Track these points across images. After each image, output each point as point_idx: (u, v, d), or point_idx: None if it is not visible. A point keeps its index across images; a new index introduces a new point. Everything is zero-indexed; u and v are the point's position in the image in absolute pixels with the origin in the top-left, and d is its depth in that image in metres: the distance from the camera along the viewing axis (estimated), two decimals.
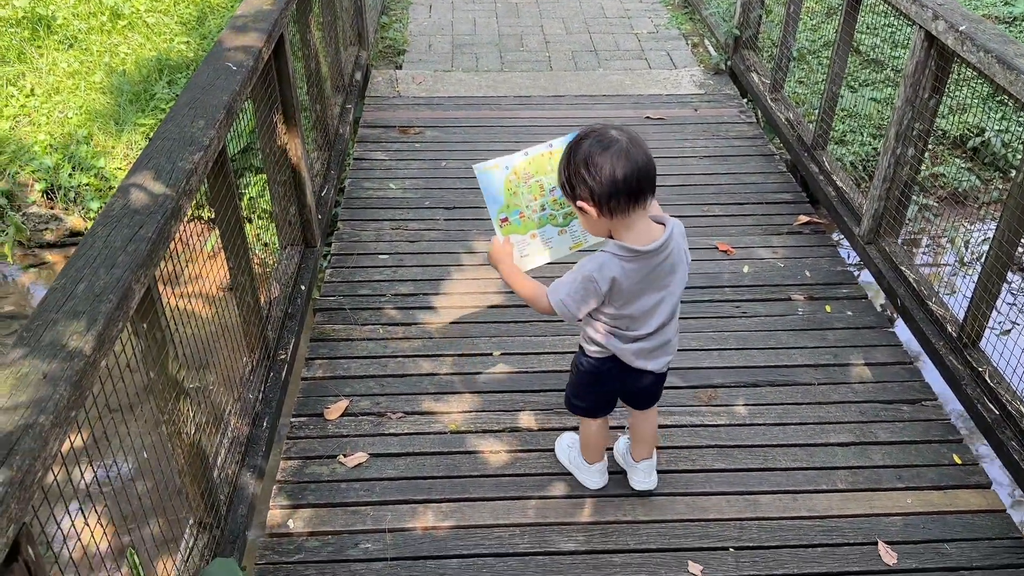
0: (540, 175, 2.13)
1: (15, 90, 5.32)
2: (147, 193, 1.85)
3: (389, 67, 5.59)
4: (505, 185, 2.11)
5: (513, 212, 2.13)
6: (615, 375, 2.20)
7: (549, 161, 2.12)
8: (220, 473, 2.32)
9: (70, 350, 1.41)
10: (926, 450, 2.72)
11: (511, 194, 2.12)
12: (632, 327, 2.08)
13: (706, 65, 5.61)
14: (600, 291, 1.98)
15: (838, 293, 3.42)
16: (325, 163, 3.99)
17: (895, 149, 3.31)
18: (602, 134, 1.90)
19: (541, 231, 2.17)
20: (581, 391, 2.33)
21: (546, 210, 2.15)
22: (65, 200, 4.71)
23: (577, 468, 2.57)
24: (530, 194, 2.13)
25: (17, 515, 1.18)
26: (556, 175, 2.06)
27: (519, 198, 2.13)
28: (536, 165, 2.12)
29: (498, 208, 2.12)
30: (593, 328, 2.13)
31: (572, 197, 1.96)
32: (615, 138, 1.89)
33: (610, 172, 1.86)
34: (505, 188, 2.11)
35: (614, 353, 2.13)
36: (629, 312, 2.04)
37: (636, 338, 2.10)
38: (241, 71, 2.47)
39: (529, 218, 2.15)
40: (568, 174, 1.94)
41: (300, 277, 3.27)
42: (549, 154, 2.12)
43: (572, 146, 1.94)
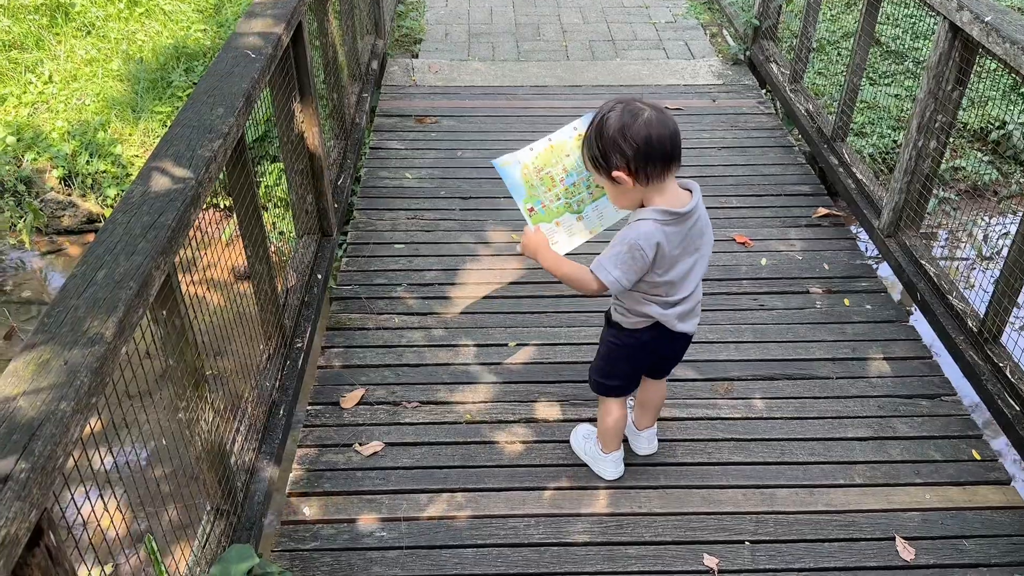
0: (549, 167, 2.15)
1: (33, 77, 5.35)
2: (166, 180, 1.85)
3: (405, 56, 5.57)
4: (523, 177, 2.13)
5: (536, 202, 2.15)
6: (654, 343, 2.23)
7: (552, 153, 2.15)
8: (237, 460, 2.33)
9: (91, 337, 1.42)
10: (945, 445, 2.69)
11: (530, 186, 2.14)
12: (671, 292, 2.11)
13: (724, 55, 5.57)
14: (647, 258, 1.99)
15: (857, 286, 3.40)
16: (342, 152, 3.99)
17: (917, 141, 3.28)
18: (629, 105, 1.94)
19: (562, 219, 2.18)
20: (616, 368, 2.34)
21: (561, 199, 2.17)
22: (82, 187, 4.73)
23: (593, 459, 2.57)
24: (544, 186, 2.15)
25: (39, 500, 1.18)
26: (567, 163, 2.12)
27: (536, 190, 2.15)
28: (544, 159, 2.15)
29: (523, 199, 2.14)
30: (633, 299, 2.15)
31: (606, 170, 1.97)
32: (642, 107, 1.94)
33: (645, 138, 1.91)
34: (524, 180, 2.13)
35: (657, 321, 2.15)
36: (669, 278, 2.07)
37: (676, 302, 2.13)
38: (260, 59, 2.46)
39: (549, 207, 2.17)
40: (601, 147, 1.95)
41: (317, 266, 3.28)
42: (551, 147, 2.15)
43: (601, 120, 1.95)
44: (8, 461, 1.17)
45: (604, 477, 2.54)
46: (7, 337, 3.97)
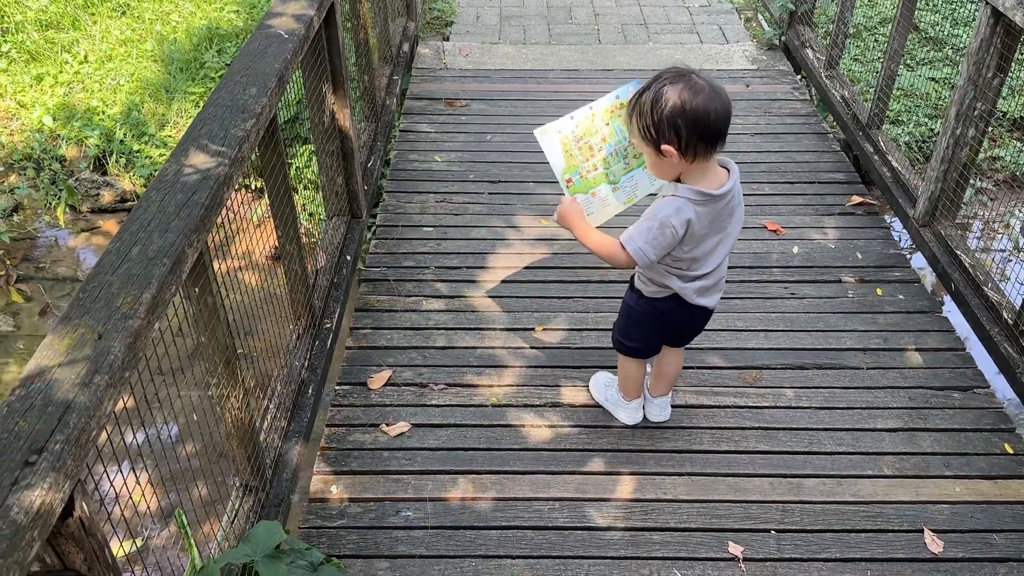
0: (588, 136, 2.17)
1: (69, 57, 5.42)
2: (200, 159, 1.86)
3: (436, 39, 5.56)
4: (563, 148, 2.15)
5: (574, 173, 2.16)
6: (672, 314, 2.26)
7: (592, 122, 2.16)
8: (266, 438, 2.36)
9: (124, 312, 1.43)
10: (976, 438, 2.66)
11: (569, 155, 2.16)
12: (693, 267, 2.13)
13: (759, 40, 5.49)
14: (677, 235, 2.01)
15: (890, 276, 3.35)
16: (372, 134, 4.00)
17: (955, 129, 3.21)
18: (689, 81, 1.90)
19: (598, 190, 2.20)
20: (634, 331, 2.39)
21: (599, 169, 2.19)
22: (117, 166, 4.79)
23: (614, 405, 2.64)
24: (581, 155, 2.17)
25: (73, 472, 1.20)
26: (605, 132, 2.14)
27: (575, 159, 2.17)
28: (584, 128, 2.16)
29: (561, 170, 2.16)
30: (655, 270, 2.17)
31: (655, 142, 1.95)
32: (701, 84, 1.90)
33: (703, 117, 1.89)
34: (564, 151, 2.15)
35: (675, 292, 2.18)
36: (694, 254, 2.10)
37: (696, 277, 2.15)
38: (292, 39, 2.47)
39: (586, 178, 2.18)
40: (655, 119, 1.91)
41: (346, 247, 3.29)
42: (591, 115, 2.16)
43: (659, 92, 1.91)
44: (43, 433, 1.19)
45: (625, 422, 2.64)
46: (42, 313, 4.04)
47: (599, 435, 2.64)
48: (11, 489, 1.11)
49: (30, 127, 4.97)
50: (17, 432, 1.19)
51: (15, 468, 1.14)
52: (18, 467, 1.14)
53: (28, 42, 5.48)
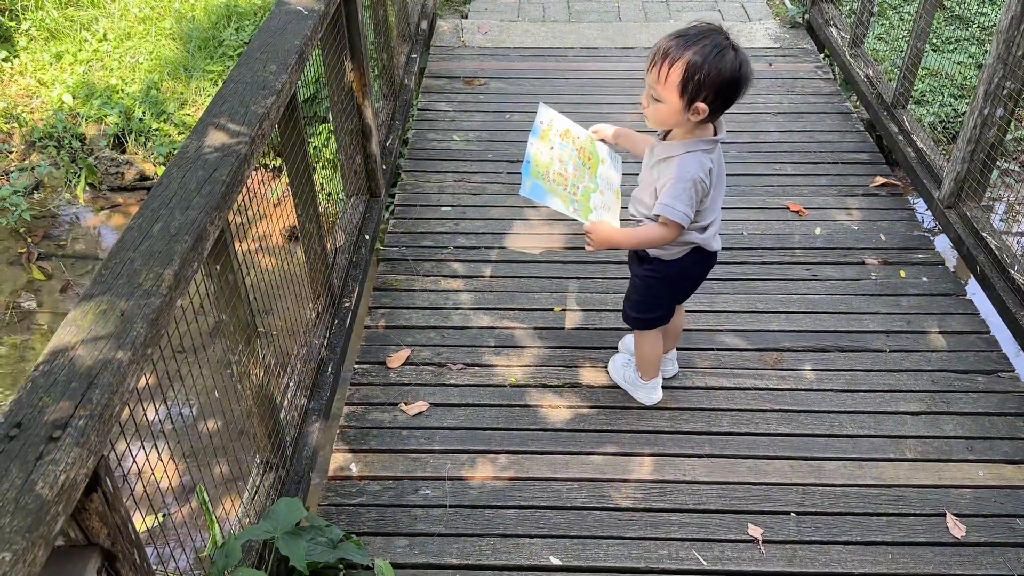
0: (553, 167, 2.25)
1: (88, 35, 5.42)
2: (221, 136, 1.86)
3: (455, 16, 5.52)
4: (551, 191, 2.20)
5: (571, 203, 2.22)
6: (694, 268, 2.33)
7: (548, 156, 2.26)
8: (286, 416, 2.37)
9: (147, 288, 1.43)
10: (1000, 422, 2.63)
11: (559, 193, 2.21)
12: (707, 216, 2.20)
13: (782, 18, 5.41)
14: (707, 185, 2.11)
15: (914, 258, 3.30)
16: (390, 113, 3.98)
17: (983, 109, 3.15)
18: (740, 51, 1.97)
19: (592, 202, 2.27)
20: (659, 300, 2.44)
21: (580, 187, 2.26)
22: (136, 144, 4.79)
23: (634, 386, 2.66)
24: (561, 186, 2.23)
25: (96, 447, 1.21)
26: (561, 155, 2.27)
27: (564, 193, 2.22)
28: (543, 164, 2.24)
29: (564, 207, 2.20)
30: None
31: (691, 98, 1.97)
32: (744, 54, 1.98)
33: (742, 89, 2.00)
34: (552, 192, 2.19)
35: (697, 245, 2.25)
36: (708, 204, 2.17)
37: (708, 225, 2.23)
38: (312, 16, 2.45)
39: (580, 200, 2.25)
40: (706, 81, 1.94)
41: (364, 227, 3.29)
42: (536, 153, 2.26)
43: (720, 55, 1.93)
44: (67, 408, 1.20)
45: (646, 402, 2.66)
46: (63, 291, 4.07)
47: (618, 416, 2.64)
48: (36, 464, 1.11)
49: (50, 105, 4.98)
50: (41, 407, 1.20)
51: (40, 443, 1.14)
52: (43, 442, 1.15)
53: (47, 20, 5.48)
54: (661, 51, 1.98)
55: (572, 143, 2.35)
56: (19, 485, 1.09)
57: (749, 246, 3.35)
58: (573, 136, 2.37)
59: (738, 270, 3.23)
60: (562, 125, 2.37)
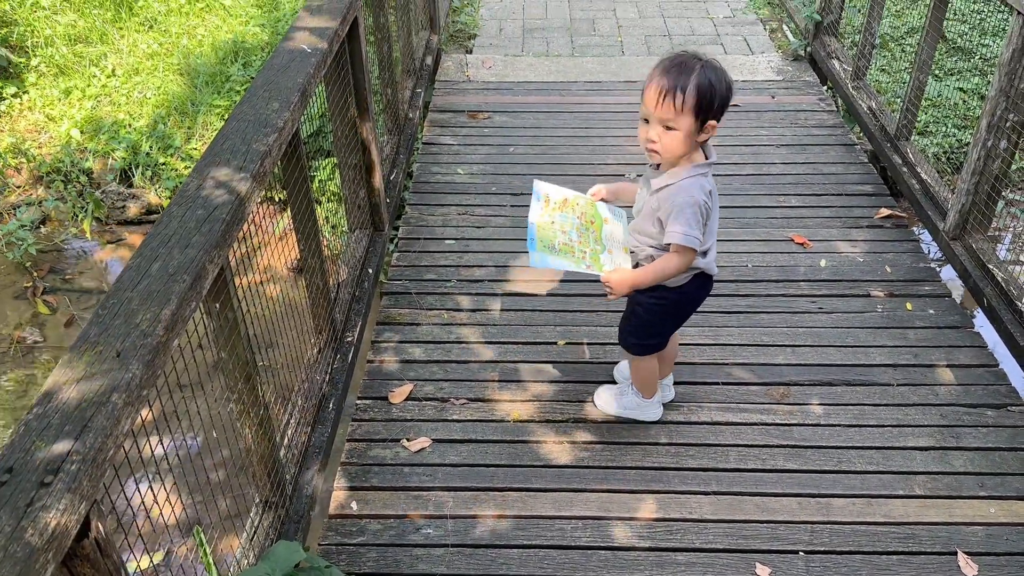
0: (558, 239, 2.29)
1: (97, 70, 5.48)
2: (222, 174, 1.86)
3: (459, 51, 5.56)
4: (564, 253, 2.25)
5: (582, 262, 2.26)
6: (696, 292, 2.35)
7: (549, 231, 2.30)
8: (286, 453, 2.34)
9: (144, 329, 1.42)
10: (1012, 458, 2.59)
11: (570, 255, 2.26)
12: (707, 240, 2.23)
13: (784, 51, 5.44)
14: (709, 208, 2.16)
15: (920, 290, 3.28)
16: (394, 147, 3.99)
17: (986, 141, 3.15)
18: (716, 61, 2.09)
19: (602, 258, 2.31)
20: (663, 326, 2.47)
21: (588, 250, 2.30)
22: (143, 178, 4.82)
23: (637, 409, 2.69)
24: (570, 251, 2.27)
25: (88, 492, 1.19)
26: (563, 226, 2.31)
27: (572, 254, 2.26)
28: (549, 236, 2.28)
29: (572, 263, 2.24)
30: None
31: (704, 117, 2.06)
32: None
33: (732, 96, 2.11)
34: (564, 253, 2.25)
35: (701, 270, 2.28)
36: (708, 227, 2.21)
37: (708, 249, 2.27)
38: (316, 54, 2.47)
39: (592, 258, 2.30)
40: (719, 98, 2.05)
41: (368, 260, 3.28)
42: (543, 223, 2.32)
43: (720, 72, 2.05)
44: (59, 452, 1.18)
45: (651, 420, 2.68)
46: (67, 325, 4.07)
47: (623, 452, 2.60)
48: (26, 511, 1.09)
49: (58, 140, 5.02)
50: (33, 451, 1.18)
51: (31, 489, 1.13)
52: (34, 488, 1.13)
53: (57, 56, 5.55)
54: (668, 84, 2.04)
55: (572, 211, 2.39)
56: (8, 532, 1.07)
57: (754, 278, 3.34)
58: (572, 204, 2.41)
59: (743, 303, 3.21)
60: (559, 195, 2.41)
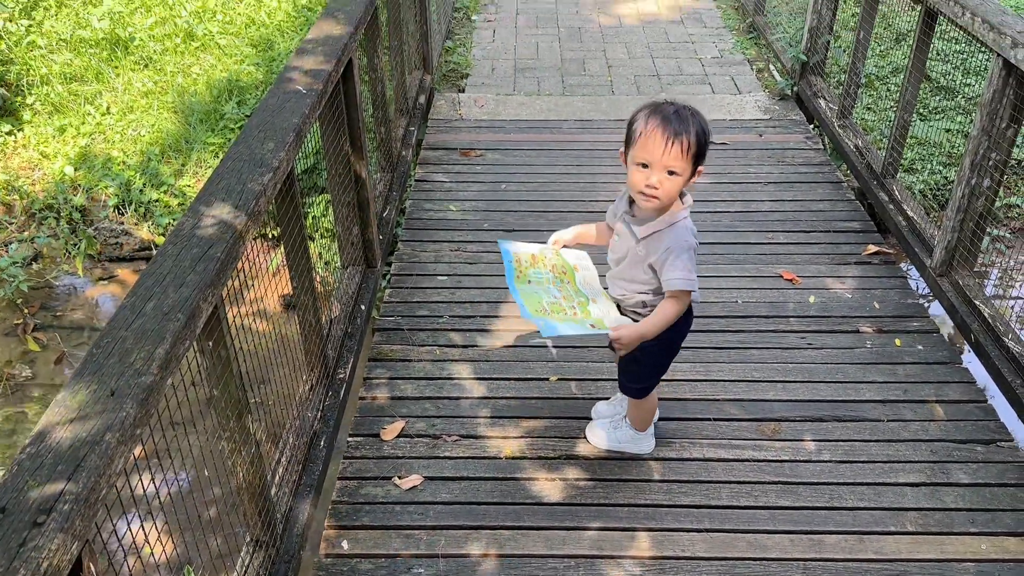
0: (545, 302, 2.29)
1: (92, 108, 5.52)
2: (217, 213, 1.88)
3: (452, 90, 5.64)
4: (560, 318, 2.23)
5: (583, 322, 2.25)
6: (685, 326, 2.40)
7: (533, 298, 2.30)
8: (277, 491, 2.33)
9: (137, 368, 1.43)
10: (1002, 493, 2.60)
11: (565, 317, 2.25)
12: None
13: (771, 90, 5.53)
14: (697, 249, 2.23)
15: (908, 326, 3.31)
16: (388, 184, 4.03)
17: (970, 179, 3.20)
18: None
19: (591, 310, 2.31)
20: (660, 368, 2.50)
21: (574, 303, 2.31)
22: (136, 215, 4.84)
23: (631, 442, 2.71)
24: (561, 312, 2.27)
25: (81, 532, 1.19)
26: (546, 290, 2.33)
27: (566, 314, 2.26)
28: (534, 303, 2.27)
29: (578, 327, 2.23)
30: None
31: (696, 164, 2.12)
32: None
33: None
34: (557, 322, 2.22)
35: (690, 303, 2.33)
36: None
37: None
38: (310, 95, 2.50)
39: (585, 313, 2.29)
40: (707, 142, 2.12)
41: (361, 297, 3.30)
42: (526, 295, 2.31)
43: (704, 122, 2.11)
44: (52, 492, 1.18)
45: (646, 452, 2.71)
46: (57, 362, 4.05)
47: (615, 489, 2.60)
48: (19, 551, 1.09)
49: (52, 177, 5.04)
50: (26, 491, 1.18)
51: (23, 529, 1.13)
52: (26, 528, 1.13)
53: (52, 94, 5.59)
54: (674, 131, 2.08)
55: (543, 266, 2.40)
56: (1, 573, 1.07)
57: (744, 314, 3.36)
58: (541, 258, 2.41)
59: (734, 339, 3.23)
60: (526, 252, 2.42)
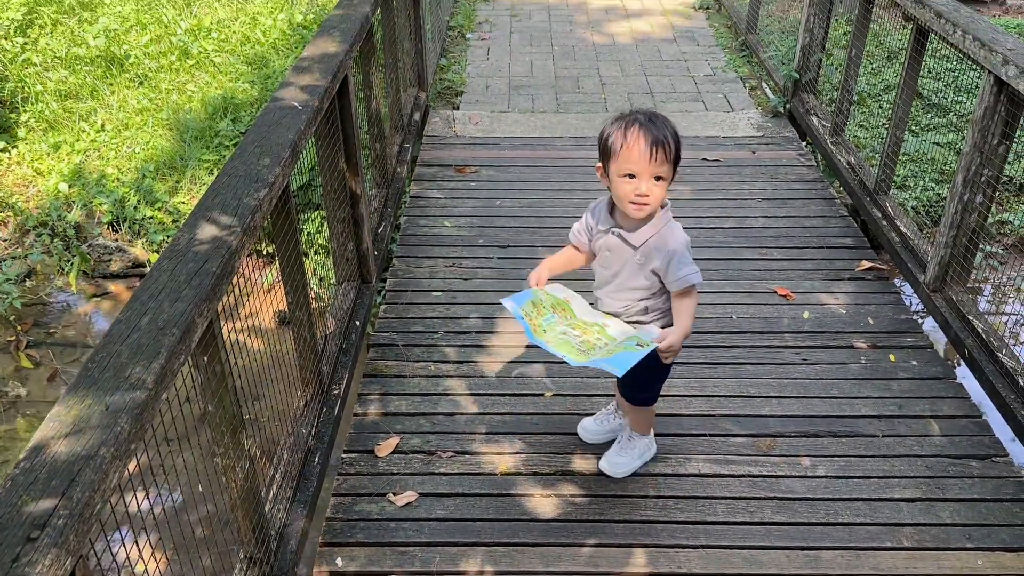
0: (572, 340, 2.27)
1: (87, 125, 5.52)
2: (212, 228, 1.88)
3: (447, 107, 5.66)
4: (600, 356, 2.20)
5: (621, 346, 2.22)
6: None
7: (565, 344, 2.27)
8: (271, 508, 2.32)
9: (132, 383, 1.43)
10: (997, 508, 2.59)
11: (608, 350, 2.22)
12: None
13: (764, 108, 5.57)
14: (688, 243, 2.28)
15: (902, 342, 3.32)
16: (382, 201, 4.04)
17: (963, 195, 3.22)
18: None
19: (616, 336, 2.30)
20: (664, 373, 2.49)
21: (598, 336, 2.29)
22: (130, 232, 4.83)
23: (647, 451, 2.72)
24: (605, 346, 2.24)
25: (75, 547, 1.18)
26: (561, 321, 2.33)
27: (615, 349, 2.21)
28: (572, 348, 2.24)
29: (626, 351, 2.18)
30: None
31: (675, 166, 2.18)
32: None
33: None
34: (606, 356, 2.19)
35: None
36: None
37: None
38: (306, 111, 2.51)
39: (608, 341, 2.27)
40: (678, 144, 2.18)
41: (355, 312, 3.29)
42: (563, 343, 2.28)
43: (673, 125, 2.17)
44: (46, 507, 1.18)
45: (653, 453, 2.73)
46: (50, 379, 4.03)
47: (611, 505, 2.60)
48: (12, 567, 1.09)
49: (46, 194, 5.04)
50: (20, 506, 1.18)
51: (17, 544, 1.12)
52: (20, 543, 1.12)
53: (47, 112, 5.60)
54: (655, 137, 2.14)
55: (551, 310, 2.36)
56: None
57: (738, 330, 3.37)
58: (539, 304, 2.36)
59: (728, 354, 3.24)
60: (527, 302, 2.35)
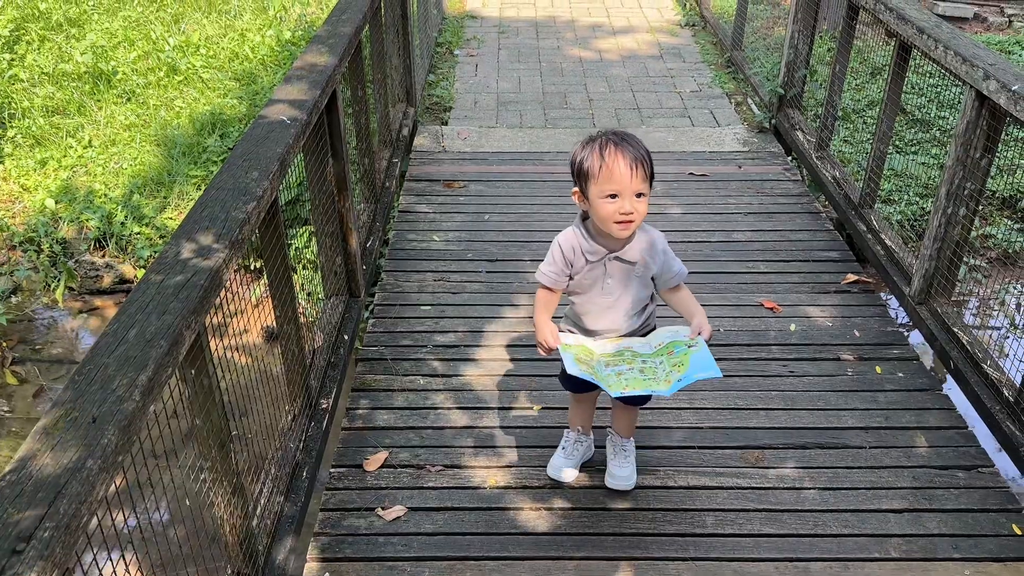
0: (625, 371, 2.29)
1: (74, 141, 5.51)
2: (200, 241, 1.88)
3: (435, 123, 5.68)
4: (665, 376, 2.24)
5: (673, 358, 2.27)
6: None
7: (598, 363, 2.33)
8: (259, 523, 2.31)
9: (120, 395, 1.42)
10: (984, 519, 2.61)
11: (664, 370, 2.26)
12: None
13: (750, 123, 5.62)
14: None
15: (888, 354, 3.34)
16: (371, 215, 4.04)
17: (946, 209, 3.26)
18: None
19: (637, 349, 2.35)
20: None
21: (639, 359, 2.33)
22: (117, 248, 4.82)
23: (634, 452, 2.74)
24: (661, 363, 2.29)
25: (61, 560, 1.17)
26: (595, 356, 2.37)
27: (671, 366, 2.26)
28: (633, 378, 2.27)
29: (700, 358, 2.22)
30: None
31: (651, 181, 2.26)
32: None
33: None
34: (669, 375, 2.23)
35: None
36: None
37: None
38: (295, 125, 2.52)
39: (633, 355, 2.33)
40: (652, 163, 2.27)
41: (344, 327, 3.29)
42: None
43: (641, 142, 2.27)
44: (32, 519, 1.17)
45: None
46: (36, 395, 4.00)
47: (600, 518, 2.59)
48: None
49: (32, 210, 5.02)
50: (6, 519, 1.17)
51: (2, 557, 1.11)
52: (5, 556, 1.11)
53: (34, 127, 5.58)
54: (633, 156, 2.21)
55: (590, 356, 2.36)
56: None
57: (726, 342, 3.38)
58: (584, 362, 2.32)
59: None
60: (574, 363, 2.30)
